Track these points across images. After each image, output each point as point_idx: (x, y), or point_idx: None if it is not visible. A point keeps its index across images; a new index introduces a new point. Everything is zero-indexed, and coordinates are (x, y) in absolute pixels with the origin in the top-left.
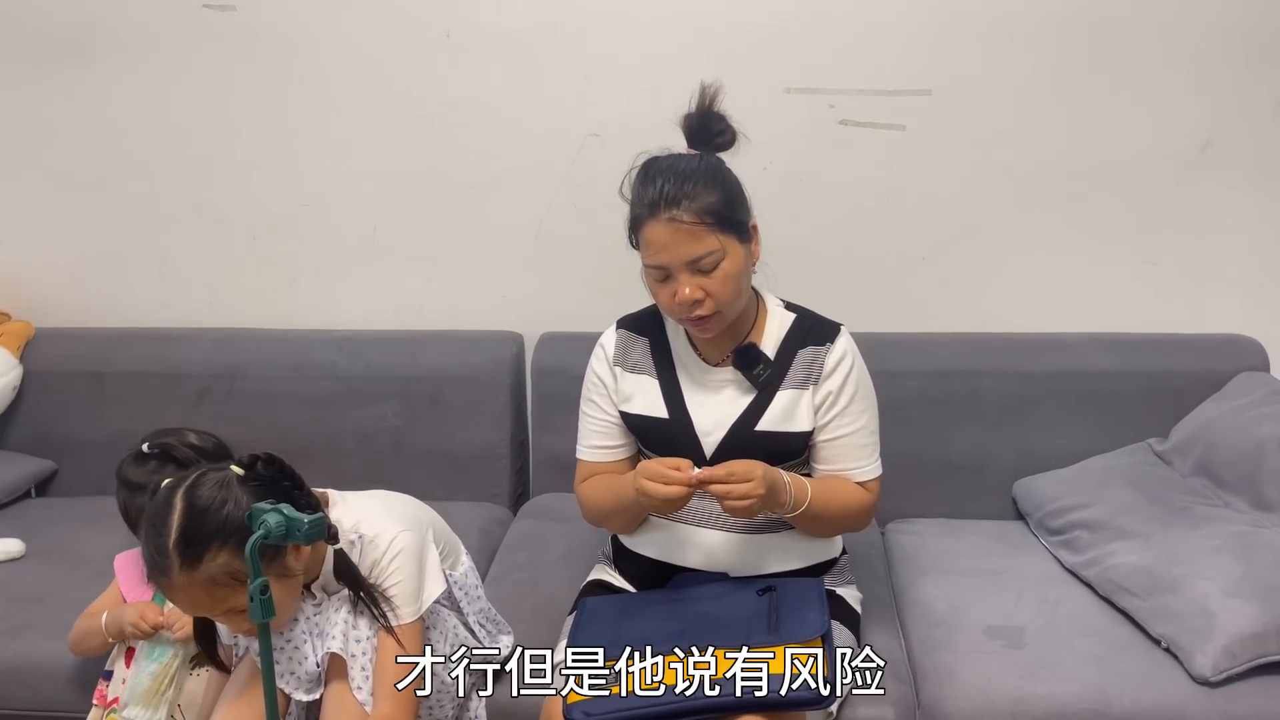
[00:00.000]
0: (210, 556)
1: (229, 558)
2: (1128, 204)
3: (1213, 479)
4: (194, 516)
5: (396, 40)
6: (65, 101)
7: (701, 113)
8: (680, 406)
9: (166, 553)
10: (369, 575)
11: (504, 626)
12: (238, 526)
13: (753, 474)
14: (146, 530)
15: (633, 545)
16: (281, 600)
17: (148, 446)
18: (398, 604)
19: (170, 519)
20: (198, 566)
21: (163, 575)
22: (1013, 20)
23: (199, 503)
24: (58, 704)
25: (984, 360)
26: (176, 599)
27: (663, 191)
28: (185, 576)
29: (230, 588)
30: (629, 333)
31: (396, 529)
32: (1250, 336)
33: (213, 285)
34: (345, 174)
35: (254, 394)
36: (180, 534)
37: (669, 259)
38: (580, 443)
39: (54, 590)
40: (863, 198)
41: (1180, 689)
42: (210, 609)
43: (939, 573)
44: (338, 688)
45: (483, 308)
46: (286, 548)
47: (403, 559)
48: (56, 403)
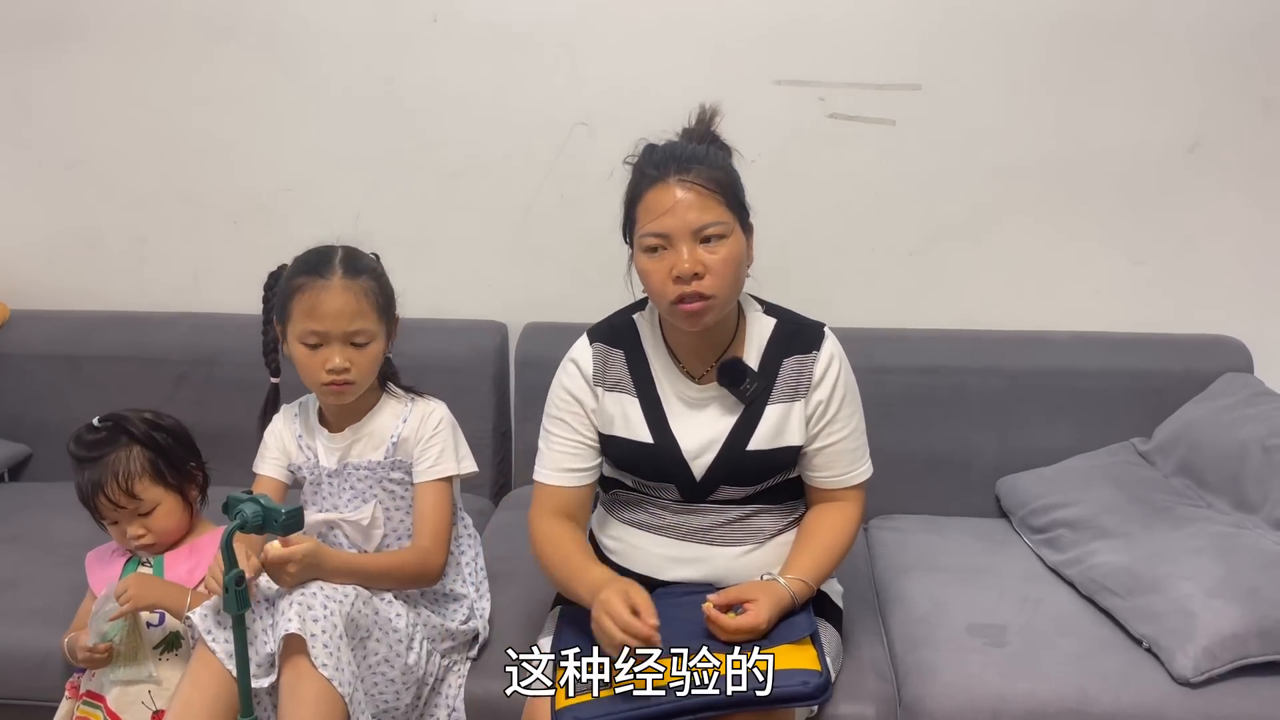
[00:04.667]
0: (366, 278)
1: (376, 288)
2: (1115, 203)
3: (1195, 479)
4: (354, 253)
5: (382, 25)
6: (42, 80)
7: (700, 135)
8: (664, 429)
9: (332, 262)
10: (415, 434)
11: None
12: (380, 275)
13: (758, 628)
14: (311, 255)
15: (617, 560)
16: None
17: (99, 420)
18: (443, 459)
19: (335, 249)
20: (356, 279)
21: (323, 277)
22: (1003, 17)
23: (355, 250)
24: (29, 692)
25: (969, 357)
26: (329, 297)
27: (675, 153)
28: (344, 280)
29: (368, 310)
30: (604, 345)
31: (441, 404)
32: (1234, 337)
33: (192, 269)
34: (328, 159)
35: (233, 380)
36: (344, 256)
37: (674, 224)
38: (542, 465)
39: (25, 576)
40: (851, 192)
41: (1161, 689)
42: (349, 318)
43: (922, 570)
44: (297, 665)
45: (466, 297)
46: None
47: (445, 425)
48: (30, 386)
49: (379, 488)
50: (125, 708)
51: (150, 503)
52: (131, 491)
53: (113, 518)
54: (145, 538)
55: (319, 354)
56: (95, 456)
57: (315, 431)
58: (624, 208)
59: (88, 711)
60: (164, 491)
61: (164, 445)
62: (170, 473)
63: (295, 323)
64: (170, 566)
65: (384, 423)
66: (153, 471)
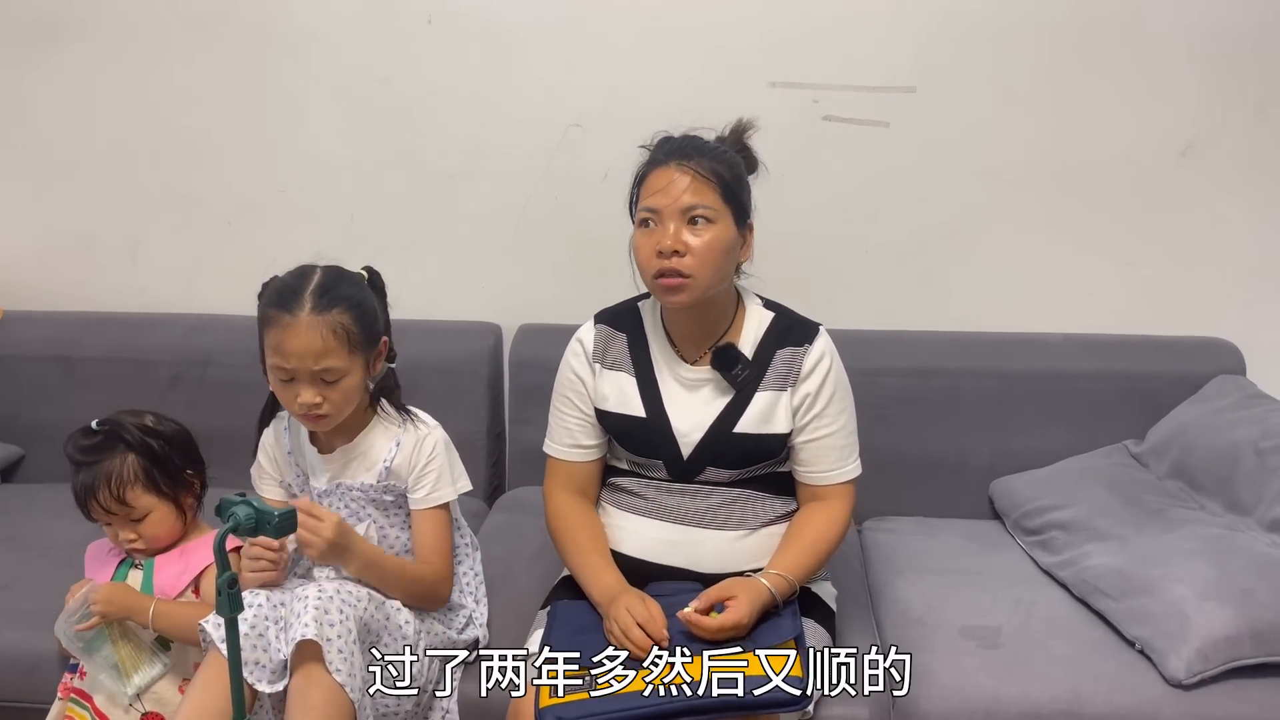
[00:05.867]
0: (339, 311)
1: (350, 321)
2: (1108, 205)
3: (1188, 481)
4: (332, 278)
5: (376, 26)
6: (36, 82)
7: (732, 143)
8: (658, 406)
9: (302, 294)
10: (409, 462)
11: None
12: (360, 303)
13: (739, 624)
14: (286, 282)
15: (611, 542)
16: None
17: (97, 423)
18: (439, 486)
19: (312, 275)
20: (326, 313)
21: (290, 313)
22: (998, 20)
23: (337, 273)
24: (23, 695)
25: (963, 359)
26: (294, 335)
27: (682, 143)
28: (311, 317)
29: (336, 348)
30: (608, 328)
31: (436, 426)
32: (1227, 340)
33: (186, 270)
34: (322, 160)
35: (227, 381)
36: (319, 284)
37: (665, 201)
38: (552, 439)
39: (18, 578)
40: (845, 194)
41: (1154, 691)
42: (315, 358)
43: (915, 572)
44: (309, 671)
45: (461, 298)
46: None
47: (439, 451)
48: (24, 388)
49: (372, 506)
50: (113, 708)
51: (142, 510)
52: (123, 499)
53: (105, 520)
54: (136, 542)
55: (290, 388)
56: (90, 461)
57: (305, 450)
58: (630, 188)
59: (76, 711)
60: (156, 500)
61: (159, 453)
62: (164, 481)
63: (268, 355)
64: (161, 569)
65: (376, 445)
66: (146, 480)
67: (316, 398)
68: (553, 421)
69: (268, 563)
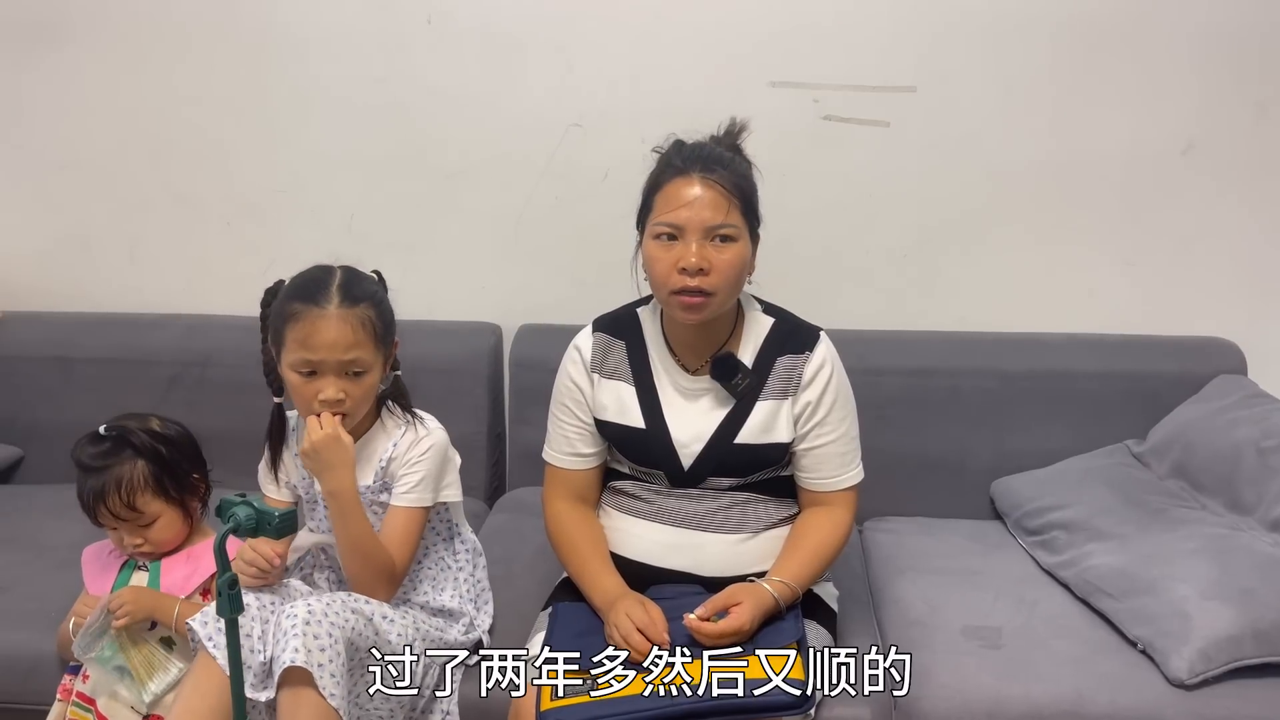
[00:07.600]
0: (365, 305)
1: (374, 316)
2: (1109, 205)
3: (1190, 481)
4: (353, 275)
5: (376, 26)
6: (35, 82)
7: (727, 145)
8: (658, 416)
9: (329, 288)
10: (402, 457)
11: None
12: (381, 300)
13: (742, 630)
14: (309, 278)
15: (611, 547)
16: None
17: (105, 429)
18: (420, 487)
19: (335, 271)
20: (354, 307)
21: (318, 305)
22: (998, 19)
23: (356, 272)
24: (22, 696)
25: (964, 359)
26: (324, 326)
27: (703, 152)
28: (341, 309)
29: (365, 341)
30: (606, 335)
31: (439, 430)
32: (1228, 339)
33: (185, 271)
34: (322, 160)
35: (226, 382)
36: (344, 280)
37: (690, 217)
38: (551, 447)
39: (17, 580)
40: (845, 193)
41: (1156, 691)
42: (345, 348)
43: (917, 572)
44: (298, 693)
45: (461, 299)
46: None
47: (433, 453)
48: (22, 388)
49: (368, 511)
50: (115, 711)
51: (151, 515)
52: (133, 505)
53: (112, 525)
54: (144, 546)
55: (313, 383)
56: (99, 467)
57: None
58: (643, 194)
59: (79, 714)
60: (165, 505)
61: (167, 458)
62: (172, 486)
63: (289, 350)
64: (167, 572)
65: (377, 446)
66: (155, 485)
67: (339, 393)
68: (551, 429)
69: (258, 570)
